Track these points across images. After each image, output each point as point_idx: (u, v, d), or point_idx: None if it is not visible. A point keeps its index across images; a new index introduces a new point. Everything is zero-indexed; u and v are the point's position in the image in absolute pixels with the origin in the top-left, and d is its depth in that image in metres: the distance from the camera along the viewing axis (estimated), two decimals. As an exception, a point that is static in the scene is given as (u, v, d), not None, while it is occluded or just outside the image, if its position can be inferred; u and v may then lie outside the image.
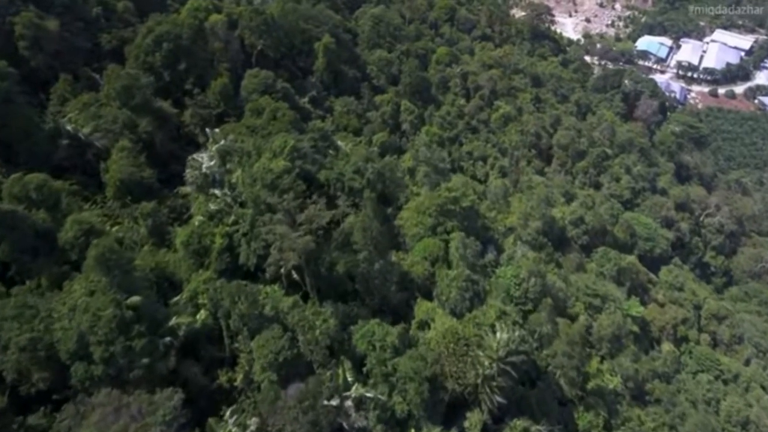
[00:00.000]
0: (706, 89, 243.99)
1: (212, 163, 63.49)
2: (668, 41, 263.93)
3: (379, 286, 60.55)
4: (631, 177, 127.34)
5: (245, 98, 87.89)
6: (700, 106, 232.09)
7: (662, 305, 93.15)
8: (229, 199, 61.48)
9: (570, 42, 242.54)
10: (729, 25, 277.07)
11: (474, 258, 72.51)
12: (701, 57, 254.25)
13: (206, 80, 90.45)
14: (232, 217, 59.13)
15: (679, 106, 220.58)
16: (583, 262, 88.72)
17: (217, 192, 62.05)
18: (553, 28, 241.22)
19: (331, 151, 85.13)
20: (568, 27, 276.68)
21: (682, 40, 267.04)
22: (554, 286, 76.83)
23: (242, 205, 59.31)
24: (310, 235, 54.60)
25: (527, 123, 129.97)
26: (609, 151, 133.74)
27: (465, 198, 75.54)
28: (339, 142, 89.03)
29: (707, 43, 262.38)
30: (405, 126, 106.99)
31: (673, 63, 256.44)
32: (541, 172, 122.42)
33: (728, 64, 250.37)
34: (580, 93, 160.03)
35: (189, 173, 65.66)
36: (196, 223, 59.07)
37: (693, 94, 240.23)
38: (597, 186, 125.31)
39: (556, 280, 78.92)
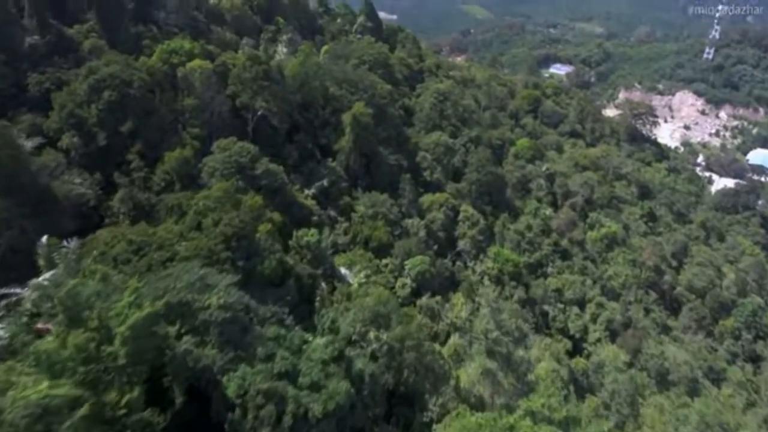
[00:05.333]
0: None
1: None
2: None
3: None
4: (806, 350, 77.21)
5: (205, 182, 51.26)
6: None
7: None
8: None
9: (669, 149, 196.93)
10: None
11: None
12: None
13: (162, 150, 55.27)
14: None
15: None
16: None
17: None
18: (647, 132, 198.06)
19: (323, 286, 45.54)
20: (664, 133, 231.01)
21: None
22: None
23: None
24: None
25: (641, 250, 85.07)
26: (762, 301, 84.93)
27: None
28: (344, 270, 49.06)
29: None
30: (463, 244, 65.52)
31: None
32: (666, 329, 75.48)
33: None
34: (707, 212, 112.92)
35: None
36: None
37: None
38: (755, 359, 75.98)
39: None
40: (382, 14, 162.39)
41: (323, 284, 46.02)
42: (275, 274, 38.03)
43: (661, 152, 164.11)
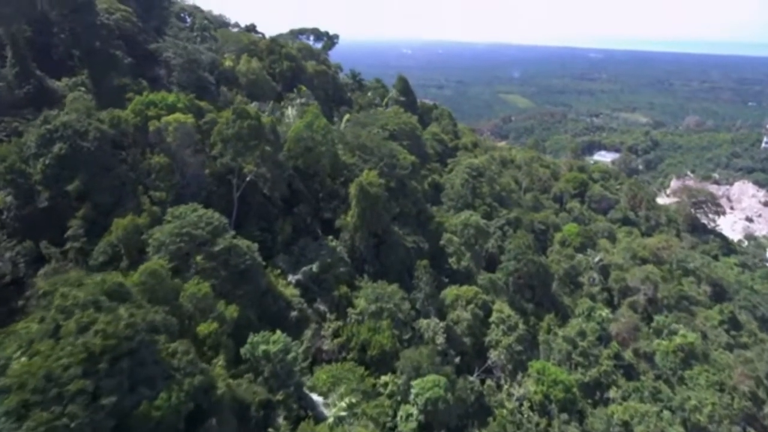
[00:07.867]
0: None
1: None
2: None
3: None
4: None
5: (149, 257, 38.36)
6: None
7: None
8: None
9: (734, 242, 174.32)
10: None
11: None
12: None
13: (115, 216, 43.52)
14: None
15: None
16: None
17: None
18: (708, 222, 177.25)
19: (279, 422, 30.18)
20: (724, 224, 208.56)
21: None
22: None
23: None
24: None
25: (729, 369, 65.11)
26: None
27: None
28: (316, 397, 33.57)
29: None
30: (496, 356, 48.81)
31: None
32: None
33: None
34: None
35: None
36: None
37: None
38: None
39: None
40: (424, 100, 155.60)
41: (281, 419, 30.67)
42: (179, 411, 23.21)
43: (728, 245, 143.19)
